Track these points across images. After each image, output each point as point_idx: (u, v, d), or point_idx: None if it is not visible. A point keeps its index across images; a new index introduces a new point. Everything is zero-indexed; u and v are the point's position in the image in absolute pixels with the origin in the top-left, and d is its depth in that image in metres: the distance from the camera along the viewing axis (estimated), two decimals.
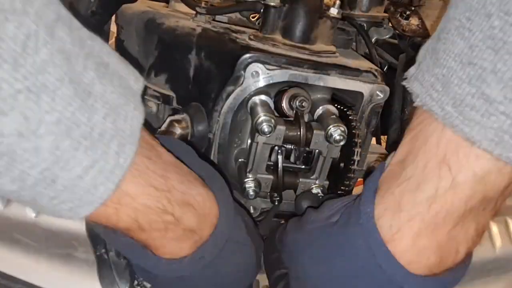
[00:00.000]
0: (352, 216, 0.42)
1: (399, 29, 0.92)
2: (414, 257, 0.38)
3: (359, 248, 0.40)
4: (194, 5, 0.75)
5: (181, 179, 0.40)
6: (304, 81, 0.67)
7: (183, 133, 0.69)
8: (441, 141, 0.36)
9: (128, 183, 0.35)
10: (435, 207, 0.36)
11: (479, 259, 0.76)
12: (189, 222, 0.41)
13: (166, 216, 0.38)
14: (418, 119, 0.40)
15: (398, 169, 0.40)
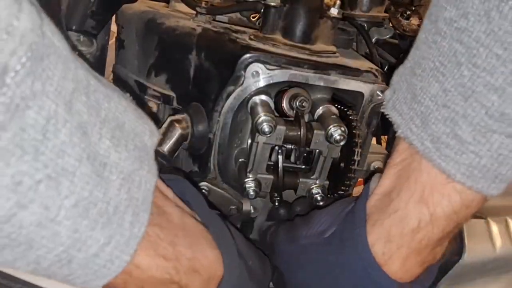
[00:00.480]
0: (347, 240, 0.48)
1: (399, 29, 0.92)
2: (403, 273, 0.46)
3: (358, 269, 0.47)
4: (194, 5, 0.75)
5: (189, 243, 0.41)
6: (304, 81, 0.67)
7: (183, 133, 0.69)
8: (419, 181, 0.42)
9: (140, 254, 0.35)
10: (418, 237, 0.44)
11: (479, 259, 0.76)
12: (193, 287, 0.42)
13: (172, 286, 0.39)
14: (401, 156, 0.46)
15: (385, 200, 0.47)
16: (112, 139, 0.32)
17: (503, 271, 0.83)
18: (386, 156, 0.81)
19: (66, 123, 0.27)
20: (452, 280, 0.77)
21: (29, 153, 0.25)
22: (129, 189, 0.33)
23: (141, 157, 0.35)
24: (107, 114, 0.32)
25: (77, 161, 0.28)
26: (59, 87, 0.27)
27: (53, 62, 0.26)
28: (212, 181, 0.74)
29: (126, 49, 0.83)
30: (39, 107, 0.25)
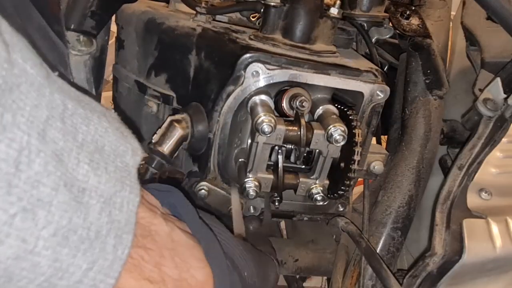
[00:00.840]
0: None
1: (399, 29, 0.92)
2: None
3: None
4: (194, 5, 0.75)
5: (176, 263, 0.40)
6: (304, 81, 0.66)
7: (183, 133, 0.69)
8: None
9: (124, 277, 0.34)
10: None
11: (479, 259, 0.76)
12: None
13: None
14: None
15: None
16: (91, 163, 0.31)
17: (503, 271, 0.83)
18: (386, 156, 0.81)
19: (39, 152, 0.27)
20: (452, 280, 0.77)
21: (2, 187, 0.25)
22: (110, 212, 0.32)
23: (122, 178, 0.34)
24: (85, 137, 0.32)
25: (53, 190, 0.28)
26: (31, 117, 0.26)
27: (24, 91, 0.26)
28: (212, 181, 0.74)
29: (126, 49, 0.83)
30: (9, 140, 0.25)
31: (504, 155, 0.88)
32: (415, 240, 0.96)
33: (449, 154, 0.96)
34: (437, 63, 0.91)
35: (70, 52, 0.63)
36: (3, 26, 0.26)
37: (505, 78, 0.84)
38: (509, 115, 0.81)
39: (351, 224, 0.81)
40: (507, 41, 0.87)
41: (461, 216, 0.78)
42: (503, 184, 0.86)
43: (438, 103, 0.90)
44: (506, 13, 0.68)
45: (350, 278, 0.83)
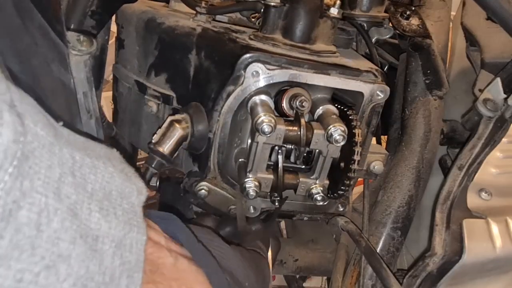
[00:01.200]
0: None
1: (399, 29, 0.92)
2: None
3: None
4: (194, 4, 0.75)
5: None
6: (304, 81, 0.66)
7: (183, 133, 0.69)
8: None
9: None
10: None
11: (479, 259, 0.76)
12: None
13: None
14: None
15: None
16: (101, 211, 0.34)
17: (503, 271, 0.83)
18: (386, 156, 0.81)
19: (57, 211, 0.29)
20: (452, 280, 0.77)
21: (26, 250, 0.27)
22: (121, 255, 0.35)
23: (130, 219, 0.37)
24: (94, 186, 0.34)
25: (71, 243, 0.30)
26: (47, 178, 0.29)
27: (38, 155, 0.28)
28: (212, 181, 0.74)
29: (126, 49, 0.83)
30: (30, 204, 0.27)
31: (504, 155, 0.88)
32: (415, 240, 0.97)
33: (449, 154, 0.96)
34: (437, 63, 0.91)
35: (70, 52, 0.63)
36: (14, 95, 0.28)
37: (505, 78, 0.84)
38: (509, 116, 0.81)
39: (351, 223, 0.81)
40: (507, 41, 0.87)
41: (461, 216, 0.78)
42: (503, 184, 0.86)
43: (438, 103, 0.90)
44: (506, 13, 0.68)
45: (350, 278, 0.83)
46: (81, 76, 0.65)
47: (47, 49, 0.57)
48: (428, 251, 0.77)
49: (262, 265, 0.63)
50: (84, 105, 0.65)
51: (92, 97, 0.66)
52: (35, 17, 0.55)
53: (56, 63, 0.59)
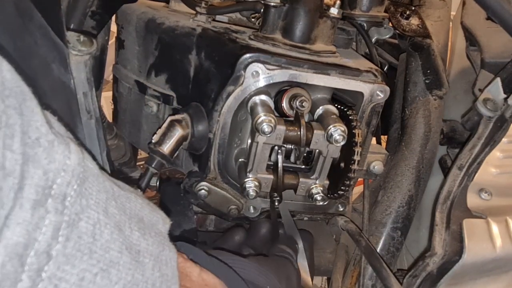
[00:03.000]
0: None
1: (399, 29, 0.92)
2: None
3: None
4: (194, 5, 0.75)
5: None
6: (304, 81, 0.67)
7: (183, 133, 0.69)
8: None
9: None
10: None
11: (479, 259, 0.76)
12: None
13: None
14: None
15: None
16: (139, 230, 0.40)
17: (503, 271, 0.83)
18: (386, 156, 0.81)
19: (106, 225, 0.35)
20: (452, 280, 0.77)
21: (86, 253, 0.32)
22: (160, 268, 0.40)
23: (161, 241, 0.43)
24: (131, 212, 0.40)
25: (119, 252, 0.36)
26: (97, 199, 0.35)
27: (91, 181, 0.35)
28: (212, 181, 0.74)
29: (126, 49, 0.83)
30: (87, 217, 0.33)
31: (504, 155, 0.88)
32: (415, 240, 0.97)
33: (449, 154, 0.96)
34: (437, 63, 0.91)
35: (70, 52, 0.63)
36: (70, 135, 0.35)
37: (505, 78, 0.84)
38: (509, 115, 0.81)
39: (351, 223, 0.81)
40: (507, 41, 0.87)
41: (461, 216, 0.78)
42: (503, 184, 0.86)
43: (438, 103, 0.90)
44: (506, 13, 0.68)
45: (350, 278, 0.83)
46: (81, 76, 0.64)
47: (47, 49, 0.57)
48: (428, 251, 0.77)
49: (285, 268, 0.65)
50: (84, 105, 0.65)
51: (92, 97, 0.66)
52: (35, 17, 0.55)
53: (56, 63, 0.59)
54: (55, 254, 0.30)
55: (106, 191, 0.37)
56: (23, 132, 0.29)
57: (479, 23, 0.97)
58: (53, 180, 0.30)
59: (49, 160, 0.30)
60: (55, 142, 0.31)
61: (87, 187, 0.34)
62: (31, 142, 0.30)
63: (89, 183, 0.34)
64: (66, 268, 0.31)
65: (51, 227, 0.30)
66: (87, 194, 0.34)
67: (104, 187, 0.37)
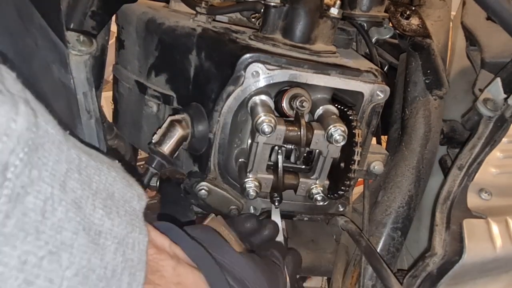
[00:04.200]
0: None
1: (399, 29, 0.92)
2: None
3: None
4: (194, 5, 0.75)
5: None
6: (304, 81, 0.67)
7: (184, 133, 0.69)
8: None
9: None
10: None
11: (479, 259, 0.76)
12: None
13: None
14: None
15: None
16: (105, 208, 0.35)
17: (503, 271, 0.83)
18: (386, 156, 0.81)
19: (61, 201, 0.31)
20: (452, 280, 0.77)
21: (31, 233, 0.29)
22: (124, 252, 0.36)
23: (132, 220, 0.38)
24: (98, 186, 0.36)
25: (74, 234, 0.32)
26: (53, 171, 0.31)
27: (47, 149, 0.30)
28: (212, 181, 0.74)
29: (126, 49, 0.83)
30: (37, 192, 0.29)
31: (504, 155, 0.88)
32: (415, 240, 0.97)
33: (449, 154, 0.96)
34: (437, 63, 0.91)
35: (70, 52, 0.63)
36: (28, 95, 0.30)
37: (505, 78, 0.84)
38: (509, 115, 0.81)
39: (351, 223, 0.81)
40: (507, 41, 0.87)
41: (461, 216, 0.78)
42: (503, 184, 0.86)
43: (438, 103, 0.90)
44: (506, 13, 0.68)
45: (350, 278, 0.83)
46: (81, 77, 0.64)
47: (47, 49, 0.57)
48: (428, 251, 0.77)
49: (276, 273, 0.62)
50: (84, 106, 0.65)
51: (92, 97, 0.66)
52: (35, 18, 0.55)
53: (57, 64, 0.59)
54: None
55: (69, 161, 0.32)
56: None
57: (479, 23, 0.97)
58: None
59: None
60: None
61: (40, 156, 0.29)
62: None
63: (44, 152, 0.30)
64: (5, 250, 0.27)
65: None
66: (40, 164, 0.29)
67: (66, 157, 0.32)
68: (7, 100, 0.27)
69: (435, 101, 0.90)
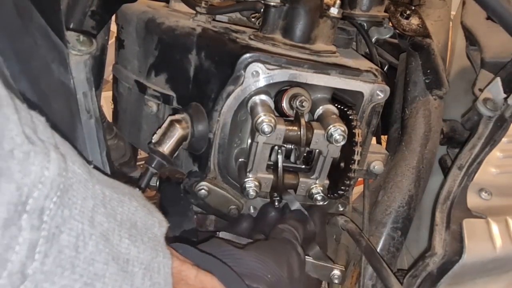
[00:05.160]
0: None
1: (399, 29, 0.92)
2: None
3: None
4: (194, 4, 0.75)
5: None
6: (304, 81, 0.66)
7: (183, 133, 0.69)
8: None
9: None
10: None
11: (479, 259, 0.76)
12: None
13: None
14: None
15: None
16: (130, 237, 0.38)
17: (503, 271, 0.83)
18: (386, 156, 0.81)
19: (91, 235, 0.34)
20: (452, 280, 0.77)
21: (68, 268, 0.31)
22: (151, 277, 0.39)
23: (155, 246, 0.41)
24: (122, 217, 0.39)
25: (105, 264, 0.34)
26: (82, 208, 0.33)
27: (76, 189, 0.33)
28: (212, 181, 0.74)
29: (126, 49, 0.83)
30: (69, 229, 0.32)
31: (504, 155, 0.88)
32: (415, 240, 0.97)
33: (449, 154, 0.96)
34: (437, 63, 0.91)
35: (70, 51, 0.63)
36: (57, 140, 0.33)
37: (505, 78, 0.84)
38: (509, 115, 0.81)
39: (351, 223, 0.81)
40: (507, 41, 0.87)
41: (461, 216, 0.78)
42: (503, 184, 0.86)
43: (438, 103, 0.90)
44: (505, 13, 0.68)
45: (351, 278, 0.83)
46: (81, 76, 0.64)
47: (47, 49, 0.57)
48: (428, 251, 0.77)
49: (285, 251, 0.63)
50: (83, 105, 0.65)
51: (92, 97, 0.66)
52: (35, 17, 0.55)
53: (56, 63, 0.59)
54: (31, 272, 0.29)
55: (94, 197, 0.36)
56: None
57: (479, 23, 0.97)
58: (28, 195, 0.28)
59: (23, 174, 0.28)
60: (32, 153, 0.29)
61: (70, 196, 0.32)
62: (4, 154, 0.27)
63: (73, 191, 0.33)
64: (45, 286, 0.30)
65: (25, 246, 0.28)
66: (71, 203, 0.32)
67: (92, 193, 0.35)
68: (40, 150, 0.30)
69: (435, 101, 0.90)
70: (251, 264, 0.57)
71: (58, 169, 0.31)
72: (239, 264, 0.56)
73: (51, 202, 0.30)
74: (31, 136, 0.30)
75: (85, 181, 0.35)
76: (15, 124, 0.29)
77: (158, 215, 0.44)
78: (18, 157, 0.28)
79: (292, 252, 0.64)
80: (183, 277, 0.46)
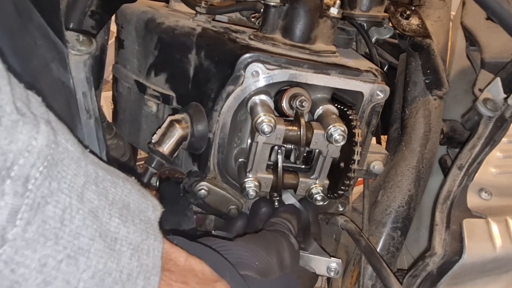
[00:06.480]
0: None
1: (399, 29, 0.92)
2: None
3: None
4: (194, 4, 0.75)
5: (199, 281, 0.48)
6: (304, 81, 0.66)
7: (183, 133, 0.69)
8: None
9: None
10: None
11: (479, 259, 0.76)
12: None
13: None
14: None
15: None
16: (121, 217, 0.38)
17: (503, 271, 0.83)
18: (386, 156, 0.81)
19: (79, 210, 0.34)
20: (452, 280, 0.77)
21: (51, 239, 0.32)
22: (139, 257, 0.39)
23: (147, 228, 0.41)
24: (114, 197, 0.39)
25: (91, 240, 0.35)
26: (72, 183, 0.34)
27: (66, 164, 0.33)
28: (212, 181, 0.74)
29: (126, 49, 0.83)
30: (56, 202, 0.32)
31: (504, 155, 0.88)
32: (415, 240, 0.97)
33: (449, 154, 0.96)
34: (437, 63, 0.91)
35: (70, 51, 0.63)
36: (51, 116, 0.34)
37: (505, 78, 0.84)
38: (509, 115, 0.81)
39: (351, 222, 0.81)
40: (507, 41, 0.87)
41: (461, 216, 0.78)
42: (503, 184, 0.86)
43: (438, 103, 0.90)
44: (505, 13, 0.68)
45: (350, 278, 0.83)
46: (81, 76, 0.64)
47: (46, 49, 0.57)
48: (428, 251, 0.77)
49: (275, 241, 0.64)
50: (83, 105, 0.65)
51: (91, 97, 0.66)
52: (35, 17, 0.55)
53: (56, 63, 0.59)
54: (11, 237, 0.29)
55: (87, 175, 0.36)
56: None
57: (479, 23, 0.97)
58: (13, 162, 0.29)
59: (9, 140, 0.29)
60: (20, 122, 0.29)
61: (60, 170, 0.33)
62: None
63: (63, 166, 0.33)
64: (26, 253, 0.30)
65: (6, 210, 0.29)
66: (59, 177, 0.33)
67: (85, 172, 0.36)
68: (30, 121, 0.30)
69: (435, 101, 0.90)
70: (238, 253, 0.57)
71: (46, 140, 0.31)
72: (227, 254, 0.56)
73: (37, 171, 0.30)
74: (22, 109, 0.30)
75: (78, 159, 0.35)
76: (6, 94, 0.29)
77: (152, 199, 0.44)
78: (6, 124, 0.29)
79: (282, 240, 0.65)
80: (172, 258, 0.46)
